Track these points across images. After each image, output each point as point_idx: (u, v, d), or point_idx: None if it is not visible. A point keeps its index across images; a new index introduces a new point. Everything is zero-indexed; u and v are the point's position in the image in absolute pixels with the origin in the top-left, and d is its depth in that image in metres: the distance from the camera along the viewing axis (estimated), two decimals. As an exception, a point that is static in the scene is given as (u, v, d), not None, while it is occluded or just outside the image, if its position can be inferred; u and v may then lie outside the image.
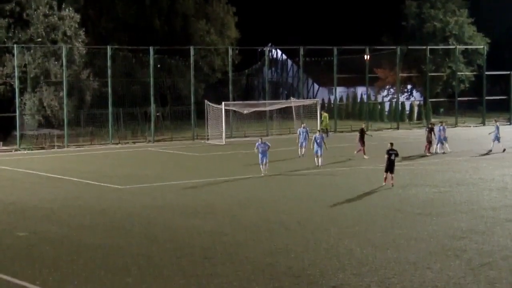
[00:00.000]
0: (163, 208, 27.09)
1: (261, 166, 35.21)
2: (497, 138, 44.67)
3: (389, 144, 31.59)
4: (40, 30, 53.50)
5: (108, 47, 54.90)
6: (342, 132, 62.21)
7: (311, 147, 38.99)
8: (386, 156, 31.05)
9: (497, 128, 45.37)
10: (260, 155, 35.25)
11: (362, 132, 42.39)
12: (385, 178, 30.96)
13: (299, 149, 42.80)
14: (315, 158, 38.30)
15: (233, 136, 57.35)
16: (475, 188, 30.98)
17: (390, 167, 30.84)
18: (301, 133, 42.81)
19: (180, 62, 66.86)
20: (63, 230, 23.42)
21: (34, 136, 53.25)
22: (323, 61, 71.85)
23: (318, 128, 46.33)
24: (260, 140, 35.96)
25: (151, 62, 56.35)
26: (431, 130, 44.06)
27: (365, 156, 41.21)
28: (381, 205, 27.01)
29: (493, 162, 39.61)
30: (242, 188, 31.47)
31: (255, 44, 73.58)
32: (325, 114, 58.39)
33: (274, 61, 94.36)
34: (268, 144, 35.57)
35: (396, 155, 31.23)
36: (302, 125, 44.75)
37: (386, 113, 75.96)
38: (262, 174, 34.79)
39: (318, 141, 38.25)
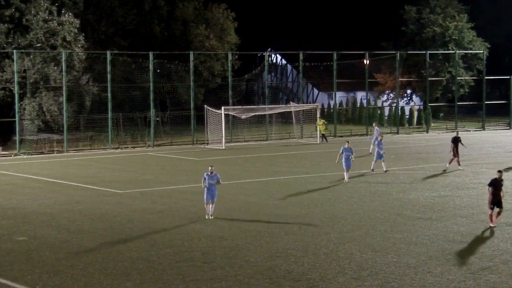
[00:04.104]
0: (162, 213, 27.06)
1: (205, 205, 25.86)
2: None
3: (496, 173, 24.48)
4: (39, 35, 53.55)
5: (108, 52, 54.86)
6: (341, 136, 62.13)
7: (341, 161, 34.55)
8: (490, 188, 24.12)
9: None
10: (205, 190, 25.73)
11: (456, 141, 38.48)
12: (491, 216, 24.04)
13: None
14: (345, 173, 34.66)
15: (233, 141, 57.35)
16: (475, 192, 30.93)
17: (496, 201, 24.07)
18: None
19: (180, 67, 66.84)
20: (62, 234, 23.40)
21: (33, 141, 53.20)
22: (322, 66, 71.86)
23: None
24: (210, 168, 25.86)
25: (151, 67, 56.32)
26: None
27: (459, 167, 37.94)
28: (381, 209, 26.98)
29: (493, 167, 39.52)
30: (242, 192, 31.41)
31: (254, 49, 73.64)
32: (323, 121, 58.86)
33: (273, 66, 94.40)
34: (218, 177, 25.87)
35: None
36: (375, 134, 40.00)
37: (386, 118, 75.99)
38: (207, 217, 25.61)
39: (346, 153, 34.33)
